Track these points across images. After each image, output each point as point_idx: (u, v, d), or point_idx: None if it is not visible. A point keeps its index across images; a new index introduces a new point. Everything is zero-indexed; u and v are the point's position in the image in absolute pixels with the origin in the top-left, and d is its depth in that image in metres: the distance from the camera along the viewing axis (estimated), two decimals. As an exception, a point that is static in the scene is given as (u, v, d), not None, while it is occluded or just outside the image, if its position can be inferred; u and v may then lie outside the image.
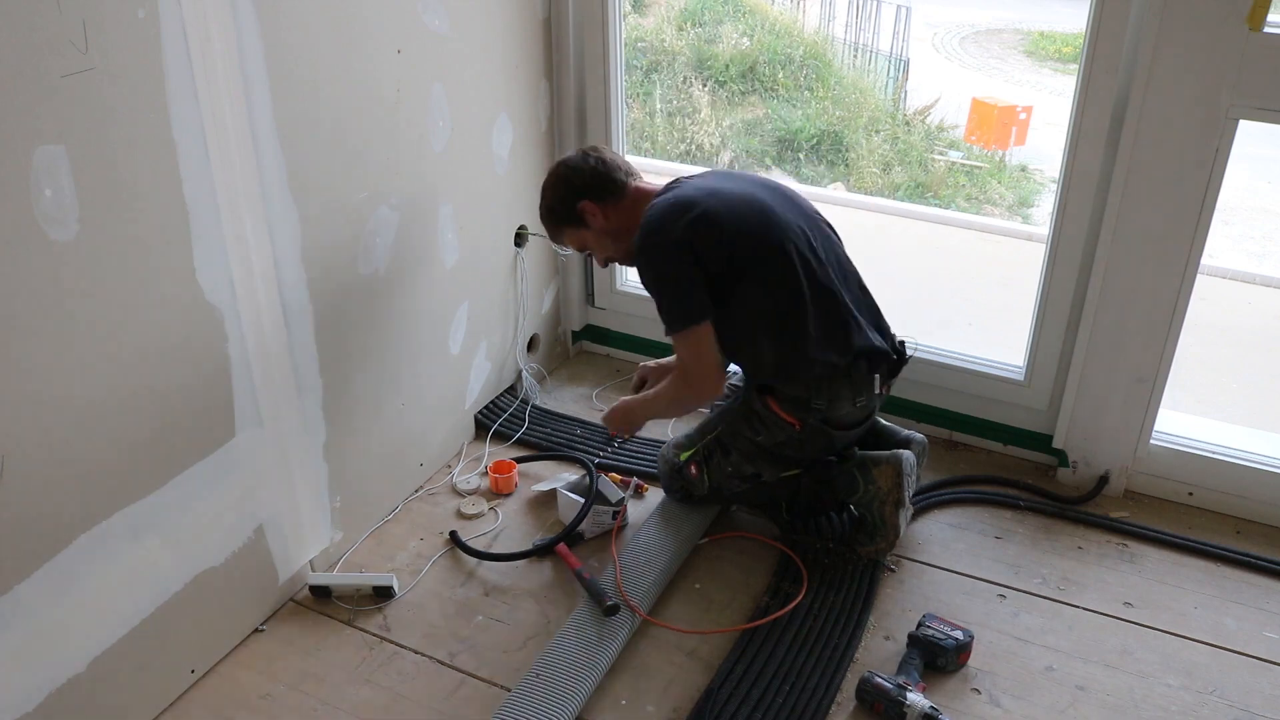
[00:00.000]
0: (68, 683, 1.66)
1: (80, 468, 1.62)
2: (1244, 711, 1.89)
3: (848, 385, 2.10)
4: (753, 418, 2.16)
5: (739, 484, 2.24)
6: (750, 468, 2.20)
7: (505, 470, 2.47)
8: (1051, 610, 2.12)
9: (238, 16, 1.72)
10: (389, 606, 2.13)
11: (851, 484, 2.18)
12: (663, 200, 2.09)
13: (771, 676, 1.92)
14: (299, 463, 2.08)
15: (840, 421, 2.14)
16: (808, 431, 2.12)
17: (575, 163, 2.21)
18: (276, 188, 1.88)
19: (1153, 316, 2.26)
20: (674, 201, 2.06)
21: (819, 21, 9.38)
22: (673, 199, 2.07)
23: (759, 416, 2.15)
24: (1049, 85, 9.26)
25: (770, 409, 2.13)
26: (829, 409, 2.10)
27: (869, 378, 2.13)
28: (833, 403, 2.10)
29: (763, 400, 2.14)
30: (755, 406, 2.16)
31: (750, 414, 2.17)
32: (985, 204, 7.23)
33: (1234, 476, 2.36)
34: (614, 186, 2.18)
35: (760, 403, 2.15)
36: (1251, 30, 1.97)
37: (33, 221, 1.46)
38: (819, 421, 2.11)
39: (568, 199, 2.19)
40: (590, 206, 2.17)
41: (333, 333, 2.09)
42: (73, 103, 1.48)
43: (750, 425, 2.17)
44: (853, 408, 2.13)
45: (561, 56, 2.68)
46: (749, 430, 2.17)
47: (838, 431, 2.15)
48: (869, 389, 2.14)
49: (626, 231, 2.15)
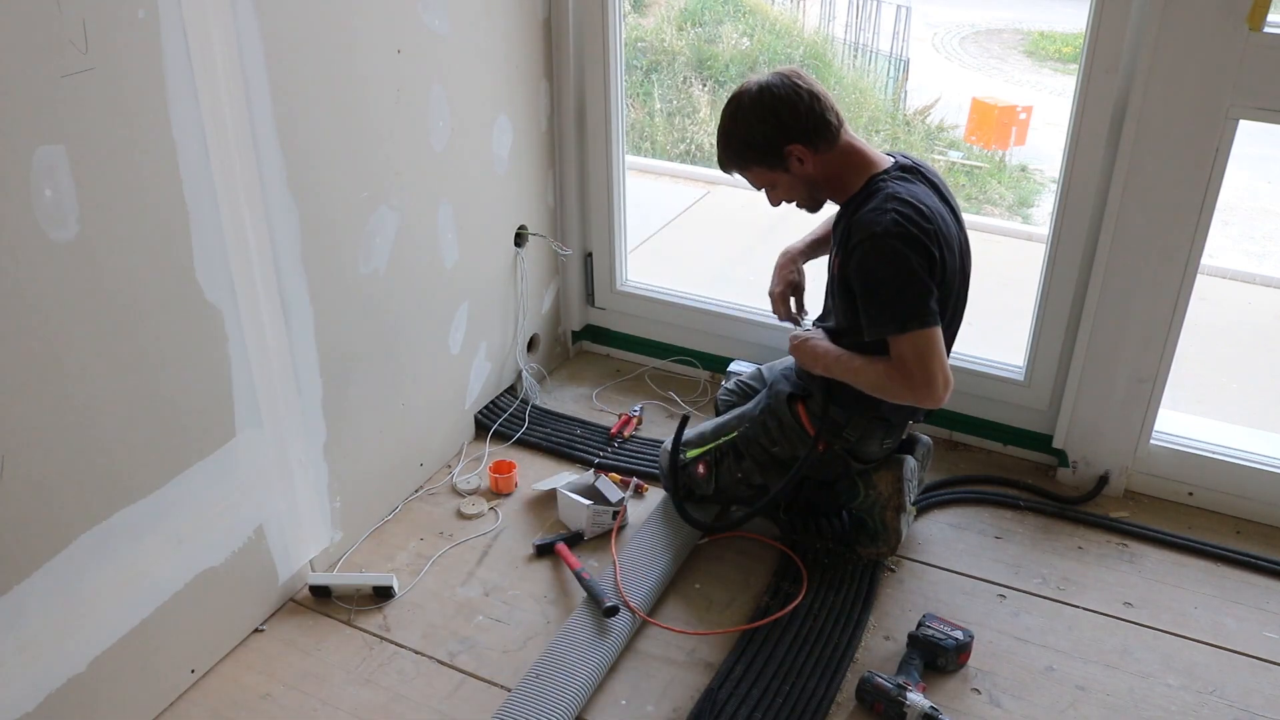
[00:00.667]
0: (68, 683, 1.66)
1: (80, 468, 1.62)
2: (1244, 711, 1.89)
3: (883, 427, 2.08)
4: (773, 428, 2.14)
5: (745, 492, 2.23)
6: (760, 478, 2.19)
7: (505, 470, 2.47)
8: (1051, 610, 2.12)
9: (238, 16, 1.72)
10: (389, 606, 2.13)
11: (852, 490, 2.18)
12: (903, 189, 1.88)
13: (771, 676, 1.92)
14: (299, 463, 2.08)
15: (864, 456, 2.13)
16: (829, 456, 2.10)
17: (786, 94, 1.88)
18: (276, 188, 1.88)
19: (1153, 316, 2.26)
20: (915, 202, 1.87)
21: (819, 21, 9.38)
22: (912, 198, 1.87)
23: (782, 427, 2.12)
24: (1049, 85, 9.25)
25: (799, 420, 2.07)
26: (857, 444, 2.09)
27: (902, 423, 2.13)
28: (863, 439, 2.09)
29: (792, 409, 2.10)
30: (780, 416, 2.11)
31: (771, 420, 2.14)
32: (985, 204, 7.23)
33: (1234, 476, 2.36)
34: (830, 133, 1.91)
35: (788, 412, 2.09)
36: (1251, 30, 1.97)
37: (33, 221, 1.46)
38: (844, 451, 2.11)
39: (776, 138, 1.90)
40: (802, 151, 1.91)
41: (333, 333, 2.09)
42: (73, 103, 1.48)
43: (769, 435, 2.14)
44: (879, 449, 2.12)
45: (561, 57, 2.68)
46: (766, 440, 2.15)
47: (857, 464, 2.14)
48: (899, 433, 2.13)
49: (827, 183, 1.96)
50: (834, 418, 2.05)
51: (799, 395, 2.14)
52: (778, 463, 2.15)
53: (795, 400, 2.13)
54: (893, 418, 2.08)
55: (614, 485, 2.40)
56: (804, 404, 2.10)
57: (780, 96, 1.89)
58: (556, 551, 2.24)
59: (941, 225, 1.88)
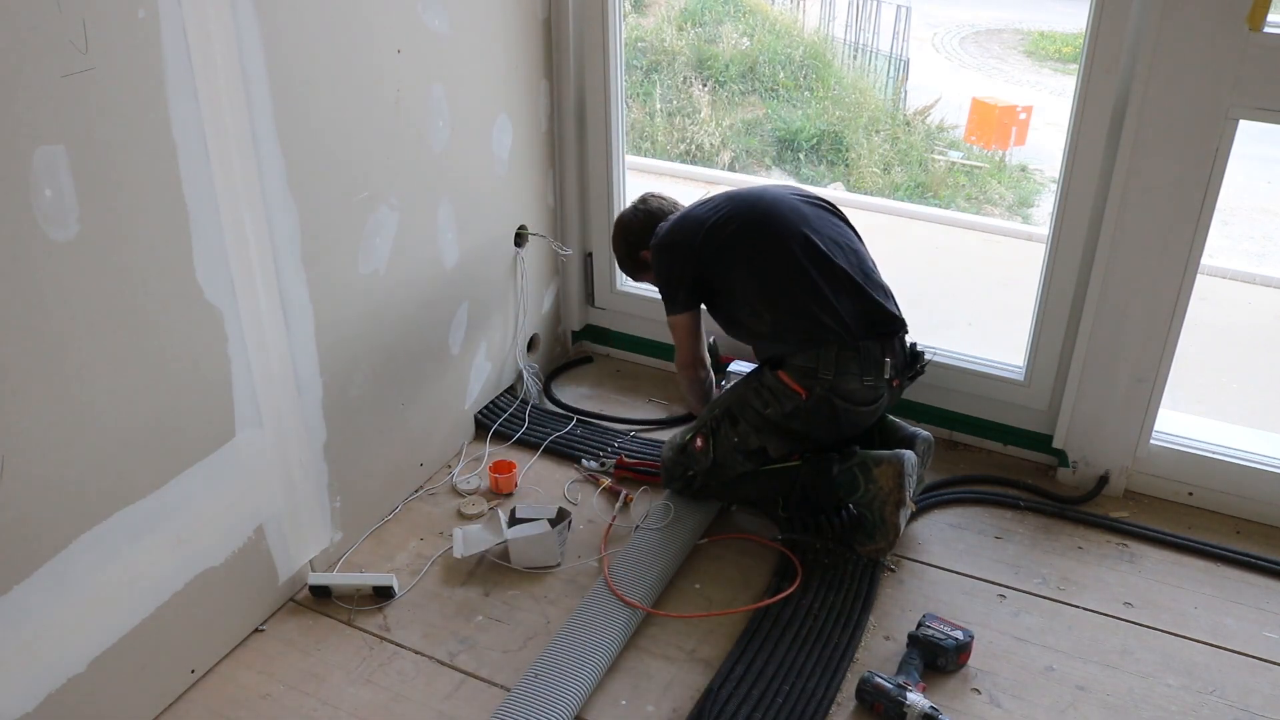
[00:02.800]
0: (68, 683, 1.66)
1: (80, 468, 1.62)
2: (1244, 711, 1.89)
3: (855, 360, 2.14)
4: (763, 390, 2.20)
5: (743, 461, 2.25)
6: (756, 440, 2.22)
7: (506, 470, 2.47)
8: (1051, 610, 2.12)
9: (238, 16, 1.72)
10: (389, 606, 2.13)
11: (852, 483, 2.18)
12: (675, 216, 2.40)
13: (771, 676, 1.92)
14: (299, 463, 2.08)
15: (847, 394, 2.16)
16: (814, 401, 2.15)
17: (627, 218, 2.53)
18: (276, 188, 1.88)
19: (1153, 316, 2.26)
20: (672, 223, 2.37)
21: (819, 21, 9.39)
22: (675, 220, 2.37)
23: (769, 389, 2.19)
24: (1049, 85, 9.26)
25: (779, 379, 2.18)
26: (835, 379, 2.14)
27: (880, 359, 2.16)
28: (840, 375, 2.14)
29: (774, 373, 2.20)
30: (766, 379, 2.21)
31: (760, 387, 2.21)
32: (985, 204, 7.23)
33: (1234, 476, 2.36)
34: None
35: (771, 375, 2.20)
36: (1251, 30, 1.97)
37: (33, 221, 1.46)
38: (826, 391, 2.14)
39: (631, 251, 2.52)
40: (648, 255, 2.44)
41: (333, 333, 2.09)
42: (73, 103, 1.48)
43: (760, 397, 2.21)
44: (860, 384, 2.16)
45: (561, 56, 2.68)
46: (758, 402, 2.21)
47: (844, 404, 2.16)
48: (878, 370, 2.17)
49: None
50: (801, 365, 2.17)
51: (774, 363, 2.23)
52: (770, 424, 2.20)
53: (776, 367, 2.21)
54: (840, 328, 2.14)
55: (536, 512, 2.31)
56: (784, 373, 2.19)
57: (624, 222, 2.53)
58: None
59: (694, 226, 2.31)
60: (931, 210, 6.57)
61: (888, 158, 7.61)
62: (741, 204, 2.29)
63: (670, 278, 2.34)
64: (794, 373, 2.17)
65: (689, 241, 2.28)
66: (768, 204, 2.27)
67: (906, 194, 7.23)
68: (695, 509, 2.33)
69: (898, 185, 7.36)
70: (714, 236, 2.26)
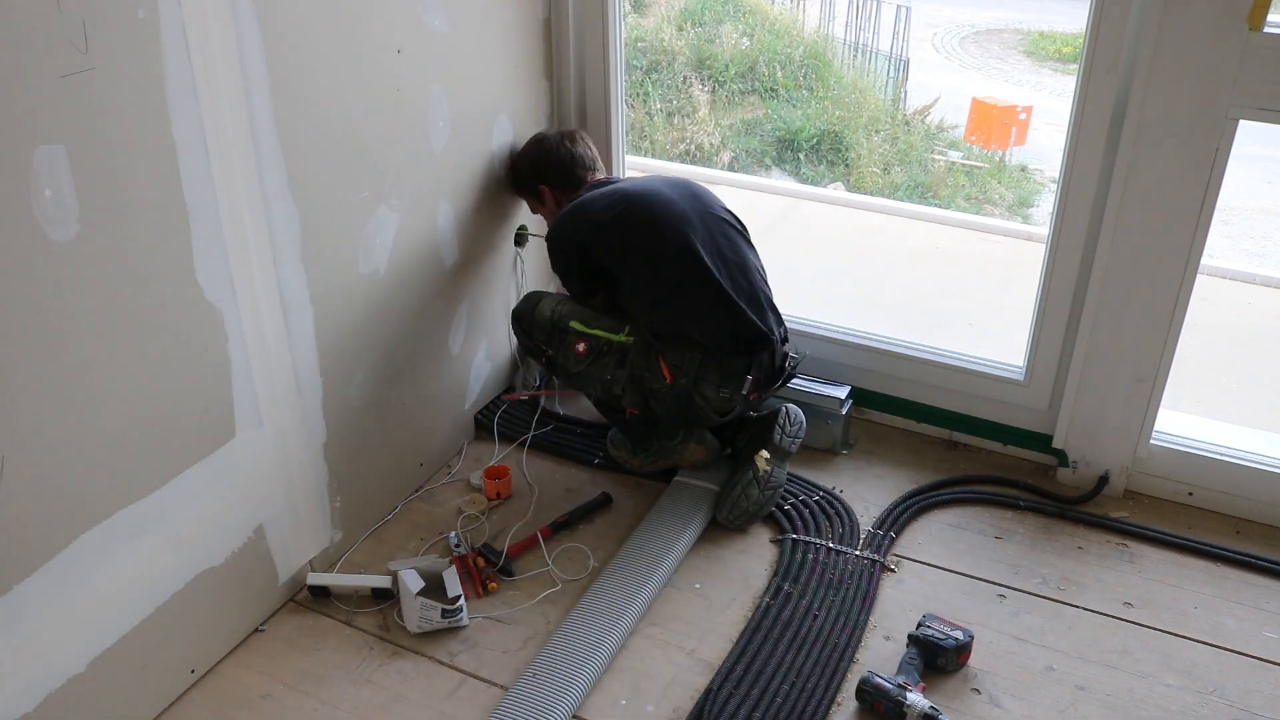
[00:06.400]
0: (68, 683, 1.67)
1: (80, 468, 1.62)
2: (1244, 711, 1.89)
3: (716, 371, 2.25)
4: (651, 356, 2.29)
5: (597, 390, 2.37)
6: (620, 390, 2.34)
7: (500, 475, 2.46)
8: (1051, 610, 2.12)
9: (238, 16, 1.72)
10: (389, 606, 2.13)
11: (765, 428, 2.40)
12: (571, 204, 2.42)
13: (771, 677, 1.93)
14: (299, 463, 2.08)
15: (706, 398, 2.27)
16: (675, 389, 2.26)
17: (550, 148, 2.51)
18: (276, 188, 1.88)
19: (1153, 316, 2.26)
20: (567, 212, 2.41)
21: (819, 21, 9.38)
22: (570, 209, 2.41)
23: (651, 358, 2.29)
24: (1049, 85, 9.25)
25: (656, 360, 2.29)
26: (693, 383, 2.25)
27: (741, 375, 2.27)
28: (699, 380, 2.25)
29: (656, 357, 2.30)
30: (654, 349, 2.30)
31: (649, 353, 2.30)
32: (985, 204, 7.23)
33: (1234, 476, 2.36)
34: (572, 180, 2.49)
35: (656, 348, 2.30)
36: (1251, 30, 1.97)
37: (33, 221, 1.46)
38: (689, 384, 2.25)
39: (531, 177, 2.54)
40: (546, 190, 2.51)
41: (332, 333, 2.09)
42: (73, 103, 1.48)
43: (646, 359, 2.30)
44: (715, 393, 2.26)
45: (561, 56, 2.68)
46: (643, 363, 2.30)
47: (701, 402, 2.26)
48: (736, 384, 2.27)
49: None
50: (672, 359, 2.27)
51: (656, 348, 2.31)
52: (641, 386, 2.31)
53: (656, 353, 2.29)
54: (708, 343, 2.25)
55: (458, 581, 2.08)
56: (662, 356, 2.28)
57: (545, 150, 2.52)
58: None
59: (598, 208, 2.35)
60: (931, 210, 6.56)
61: (888, 158, 7.61)
62: (634, 207, 2.32)
63: (566, 270, 2.44)
64: (667, 360, 2.27)
65: (581, 240, 2.35)
66: (657, 214, 2.30)
67: (906, 194, 7.23)
68: (696, 508, 2.34)
69: (898, 185, 7.36)
70: (603, 239, 2.33)
